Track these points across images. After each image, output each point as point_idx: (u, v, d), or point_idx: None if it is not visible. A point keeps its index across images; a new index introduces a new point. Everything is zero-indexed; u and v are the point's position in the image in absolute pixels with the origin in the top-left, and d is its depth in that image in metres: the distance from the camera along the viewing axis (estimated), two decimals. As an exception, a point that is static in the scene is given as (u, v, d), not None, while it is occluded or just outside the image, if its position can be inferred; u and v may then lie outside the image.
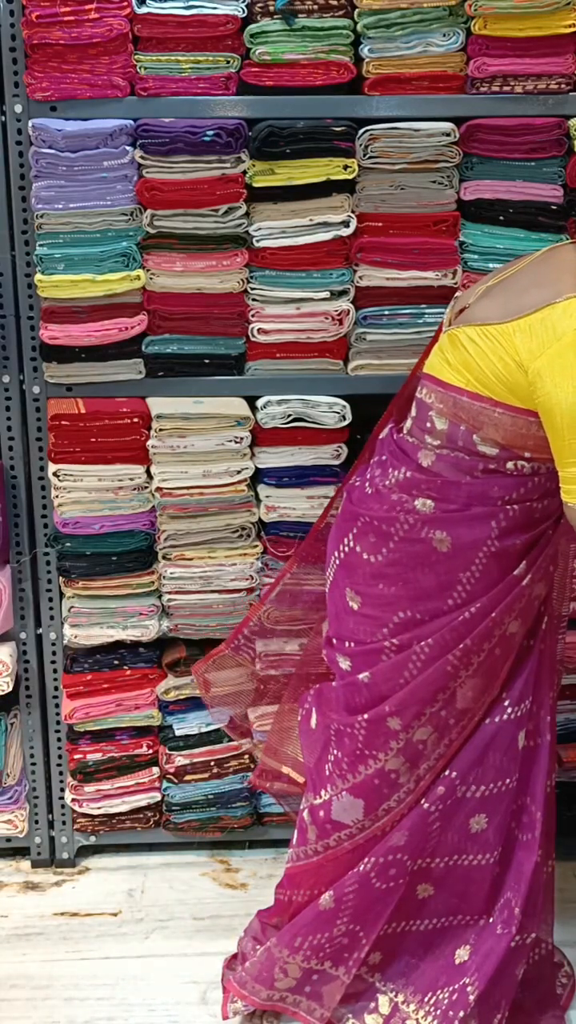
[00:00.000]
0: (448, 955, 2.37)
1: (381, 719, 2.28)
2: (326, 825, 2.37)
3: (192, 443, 2.75)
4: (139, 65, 2.58)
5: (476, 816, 2.30)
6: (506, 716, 2.27)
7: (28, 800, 2.98)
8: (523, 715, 2.28)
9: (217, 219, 2.65)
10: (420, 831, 2.30)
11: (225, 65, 2.59)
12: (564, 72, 2.62)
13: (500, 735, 2.27)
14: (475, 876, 2.34)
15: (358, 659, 2.33)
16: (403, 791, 2.32)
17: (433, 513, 2.22)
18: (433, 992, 2.36)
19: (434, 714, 2.26)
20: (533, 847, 2.31)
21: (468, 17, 2.58)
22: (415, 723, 2.27)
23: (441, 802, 2.29)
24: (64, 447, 2.74)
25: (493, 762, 2.28)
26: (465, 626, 2.22)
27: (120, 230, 2.65)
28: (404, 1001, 2.38)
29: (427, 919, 2.39)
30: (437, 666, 2.23)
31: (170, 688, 2.91)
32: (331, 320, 2.73)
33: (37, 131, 2.57)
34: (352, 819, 2.35)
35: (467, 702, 2.27)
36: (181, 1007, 2.55)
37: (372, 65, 2.60)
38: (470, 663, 2.23)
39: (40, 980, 2.64)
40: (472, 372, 2.15)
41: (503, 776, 2.29)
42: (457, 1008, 2.29)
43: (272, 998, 2.44)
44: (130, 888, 2.94)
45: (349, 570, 2.33)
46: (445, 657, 2.22)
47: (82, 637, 2.87)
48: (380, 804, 2.33)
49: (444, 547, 2.21)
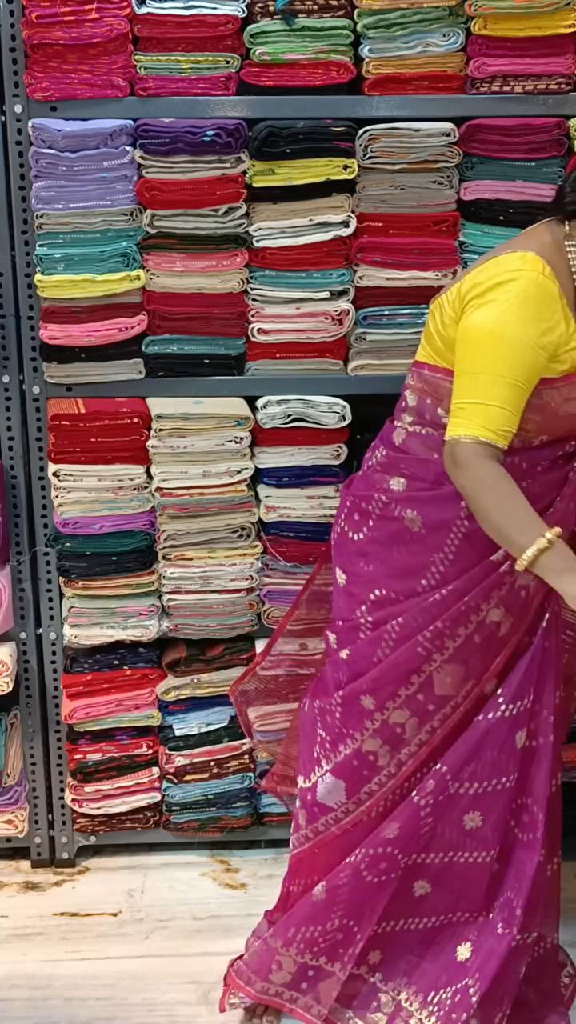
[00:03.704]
0: (449, 953, 2.37)
1: (355, 697, 2.31)
2: (314, 808, 2.40)
3: (192, 443, 2.75)
4: (139, 65, 2.58)
5: (470, 813, 2.30)
6: (501, 713, 2.26)
7: (28, 800, 2.98)
8: (521, 713, 2.27)
9: (217, 219, 2.65)
10: (412, 825, 2.30)
11: (225, 65, 2.59)
12: (564, 72, 2.63)
13: (494, 732, 2.26)
14: (472, 874, 2.33)
15: (342, 636, 2.37)
16: (384, 774, 2.32)
17: (405, 492, 2.26)
18: (436, 991, 2.35)
19: (410, 697, 2.27)
20: (535, 847, 2.29)
21: (468, 17, 2.58)
22: (389, 704, 2.28)
23: (432, 796, 2.29)
24: (64, 447, 2.74)
25: (487, 759, 2.27)
26: (436, 607, 2.23)
27: (120, 230, 2.65)
28: (407, 1000, 2.38)
29: (426, 917, 2.39)
30: (408, 646, 2.25)
31: (170, 688, 2.91)
32: (331, 320, 2.73)
33: (37, 131, 2.57)
34: (336, 802, 2.37)
35: (446, 688, 2.27)
36: (181, 1007, 2.55)
37: (372, 65, 2.60)
38: (444, 647, 2.24)
39: (40, 980, 2.63)
40: (432, 344, 2.22)
41: (499, 774, 2.28)
42: (460, 1010, 2.29)
43: (268, 991, 2.45)
44: (130, 888, 2.94)
45: (339, 549, 2.39)
46: (415, 638, 2.24)
47: (82, 637, 2.87)
48: (361, 786, 2.34)
49: (416, 527, 2.25)
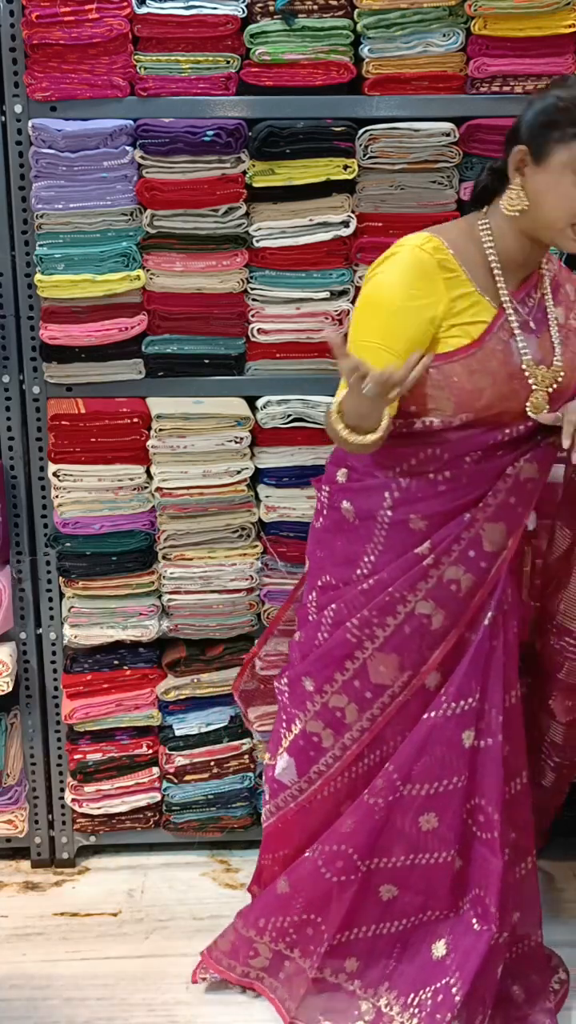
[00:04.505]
0: (425, 952, 2.38)
1: (298, 678, 2.40)
2: (274, 784, 2.48)
3: (192, 443, 2.75)
4: (139, 65, 2.58)
5: (425, 814, 2.32)
6: (444, 712, 2.28)
7: (28, 800, 2.98)
8: (466, 712, 2.28)
9: (217, 219, 2.65)
10: (366, 824, 2.34)
11: (225, 65, 2.59)
12: (564, 72, 2.63)
13: (438, 731, 2.29)
14: (435, 874, 2.35)
15: (299, 619, 2.48)
16: (329, 756, 2.37)
17: (345, 483, 2.33)
18: (415, 992, 2.36)
19: (347, 683, 2.32)
20: (495, 846, 2.30)
21: (468, 17, 2.58)
22: (327, 687, 2.34)
23: (382, 796, 2.32)
24: (64, 447, 2.74)
25: (434, 759, 2.29)
26: (365, 596, 2.29)
27: (120, 230, 2.65)
28: (387, 1005, 2.39)
29: (396, 920, 2.40)
30: (339, 633, 2.32)
31: (170, 688, 2.91)
32: (331, 320, 2.73)
33: (37, 131, 2.57)
34: (290, 779, 2.43)
35: (381, 677, 2.31)
36: (181, 1007, 2.55)
37: (372, 65, 2.60)
38: (374, 635, 2.28)
39: (40, 980, 2.63)
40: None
41: (449, 774, 2.30)
42: (444, 1010, 2.29)
43: (248, 975, 2.51)
44: (130, 888, 2.94)
45: (308, 537, 2.48)
46: (345, 625, 2.29)
47: (82, 637, 2.87)
48: (310, 766, 2.39)
49: (351, 517, 2.31)
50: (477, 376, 2.17)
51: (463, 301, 2.17)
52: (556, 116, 2.07)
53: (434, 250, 2.17)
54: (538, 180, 2.11)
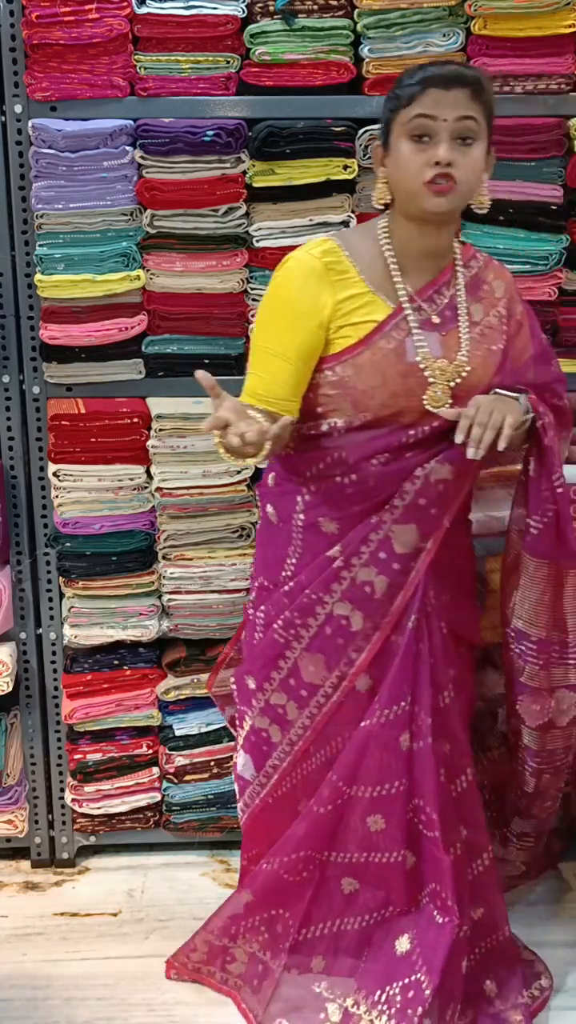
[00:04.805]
0: (388, 948, 2.39)
1: (242, 676, 2.47)
2: (239, 781, 2.55)
3: (192, 443, 2.75)
4: (139, 65, 2.58)
5: (372, 816, 2.35)
6: (379, 719, 2.32)
7: (28, 800, 2.98)
8: (400, 717, 2.31)
9: (217, 219, 2.65)
10: (318, 827, 2.38)
11: (225, 65, 2.59)
12: (564, 72, 2.63)
13: (375, 738, 2.32)
14: (391, 872, 2.37)
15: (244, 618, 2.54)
16: (279, 751, 2.42)
17: (269, 487, 2.40)
18: (382, 989, 2.36)
19: (283, 681, 2.38)
20: (438, 844, 2.32)
21: (468, 17, 2.58)
22: (267, 685, 2.40)
23: (330, 802, 2.36)
24: (64, 447, 2.74)
25: (374, 763, 2.33)
26: (287, 598, 2.35)
27: (120, 230, 2.65)
28: (354, 1004, 2.39)
29: (359, 915, 2.42)
30: (269, 633, 2.38)
31: (170, 688, 2.91)
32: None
33: (37, 131, 2.57)
34: (250, 775, 2.49)
35: (311, 676, 2.35)
36: (181, 1007, 2.55)
37: (372, 65, 2.60)
38: (299, 636, 2.34)
39: (40, 980, 2.63)
40: None
41: (389, 778, 2.33)
42: (415, 1004, 2.30)
43: (227, 982, 2.53)
44: (130, 888, 2.94)
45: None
46: (272, 625, 2.37)
47: (82, 637, 2.87)
48: (264, 761, 2.45)
49: (274, 519, 2.38)
50: (367, 375, 2.20)
51: (353, 302, 2.21)
52: (390, 96, 2.17)
53: (323, 254, 2.21)
54: (390, 163, 2.19)
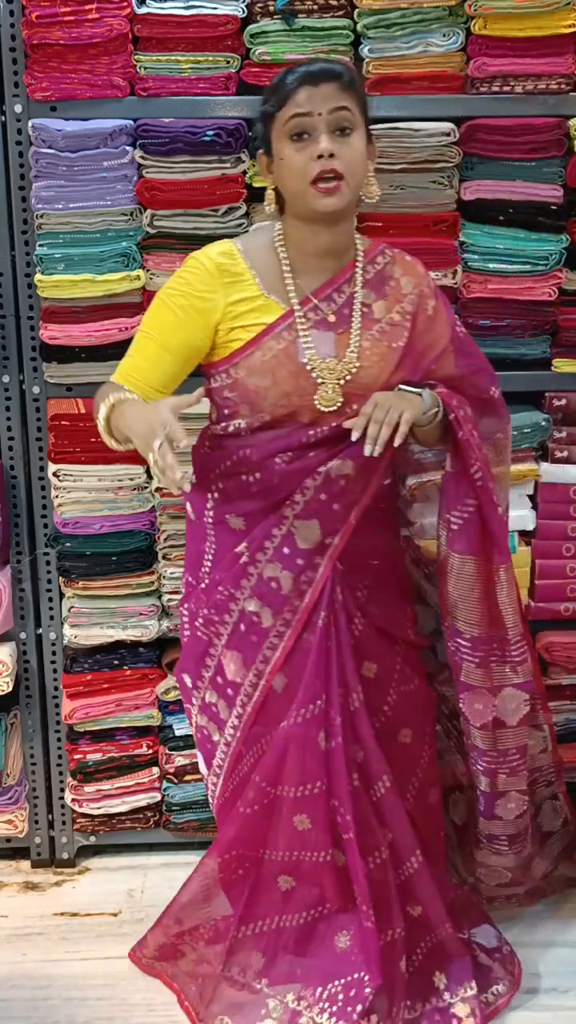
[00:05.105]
0: (328, 944, 2.39)
1: (179, 673, 2.50)
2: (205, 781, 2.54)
3: (192, 443, 2.74)
4: (139, 65, 2.58)
5: (298, 815, 2.35)
6: (296, 718, 2.33)
7: (28, 800, 2.98)
8: (316, 716, 2.32)
9: (217, 219, 2.65)
10: (248, 829, 2.39)
11: (225, 65, 2.59)
12: (564, 72, 2.63)
13: (293, 737, 2.33)
14: (321, 871, 2.37)
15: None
16: (220, 750, 2.43)
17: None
18: (323, 986, 2.36)
19: (212, 679, 2.40)
20: (353, 847, 2.33)
21: (468, 17, 2.58)
22: (200, 683, 2.43)
23: (255, 803, 2.38)
24: (64, 447, 2.74)
25: (295, 763, 2.33)
26: (205, 595, 2.38)
27: (120, 230, 2.65)
28: (294, 1000, 2.39)
29: (297, 912, 2.42)
30: (191, 631, 2.42)
31: (170, 688, 2.91)
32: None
33: (37, 131, 2.57)
34: (204, 772, 2.51)
35: (233, 675, 2.37)
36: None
37: (372, 65, 2.60)
38: (218, 633, 2.37)
39: (40, 980, 2.63)
40: None
41: (310, 778, 2.33)
42: (356, 1002, 2.30)
43: (176, 978, 2.54)
44: (130, 888, 2.94)
45: None
46: (194, 623, 2.40)
47: (82, 637, 2.87)
48: (211, 759, 2.46)
49: (192, 516, 2.41)
50: (257, 376, 2.23)
51: (245, 304, 2.23)
52: (264, 104, 2.20)
53: (219, 255, 2.24)
54: (276, 168, 2.21)
